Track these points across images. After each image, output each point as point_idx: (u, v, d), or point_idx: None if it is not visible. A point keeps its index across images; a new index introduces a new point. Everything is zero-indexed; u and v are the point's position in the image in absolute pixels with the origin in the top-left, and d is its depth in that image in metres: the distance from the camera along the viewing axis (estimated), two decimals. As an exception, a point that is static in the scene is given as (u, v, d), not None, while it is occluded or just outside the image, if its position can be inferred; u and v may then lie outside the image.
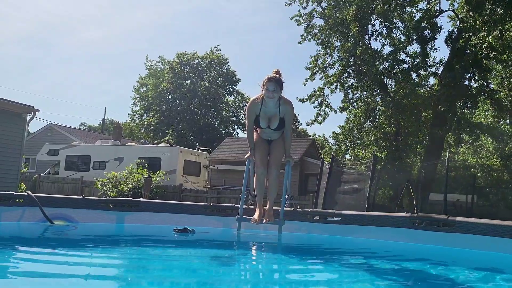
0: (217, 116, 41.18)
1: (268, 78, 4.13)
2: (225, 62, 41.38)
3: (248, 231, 4.63)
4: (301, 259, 3.70)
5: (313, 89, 16.88)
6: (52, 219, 4.75)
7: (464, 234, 4.22)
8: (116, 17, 66.47)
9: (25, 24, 63.20)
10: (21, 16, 60.69)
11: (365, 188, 11.51)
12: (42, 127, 29.80)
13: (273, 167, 4.49)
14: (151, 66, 44.33)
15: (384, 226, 4.65)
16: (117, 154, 20.79)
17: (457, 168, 16.99)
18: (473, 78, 14.12)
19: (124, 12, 66.45)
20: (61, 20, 67.46)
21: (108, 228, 5.02)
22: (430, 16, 14.43)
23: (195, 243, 4.42)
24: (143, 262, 3.26)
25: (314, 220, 5.06)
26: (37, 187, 19.16)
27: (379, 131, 15.00)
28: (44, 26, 67.09)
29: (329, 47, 16.31)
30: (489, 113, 18.79)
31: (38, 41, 67.94)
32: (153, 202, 5.74)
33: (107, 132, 40.14)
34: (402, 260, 3.89)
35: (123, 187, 15.66)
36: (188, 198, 16.02)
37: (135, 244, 4.32)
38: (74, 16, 65.60)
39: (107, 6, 64.73)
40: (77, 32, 67.18)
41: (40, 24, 66.66)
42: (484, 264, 3.76)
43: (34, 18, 64.17)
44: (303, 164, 20.80)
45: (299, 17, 16.89)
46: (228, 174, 20.55)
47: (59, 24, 68.56)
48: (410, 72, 15.69)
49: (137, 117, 44.40)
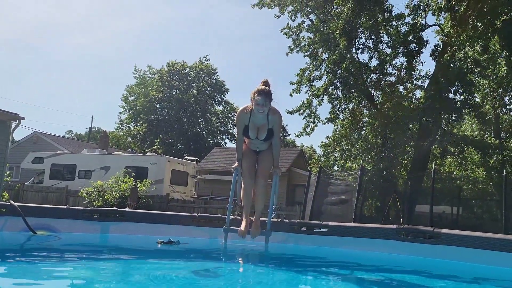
0: (206, 125, 41.15)
1: (257, 91, 4.07)
2: (214, 72, 41.51)
3: (235, 241, 4.60)
4: (287, 270, 3.68)
5: (301, 100, 16.98)
6: (35, 229, 4.66)
7: (449, 246, 4.26)
8: (103, 25, 66.29)
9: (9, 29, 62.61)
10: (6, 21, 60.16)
11: (353, 199, 11.57)
12: (27, 135, 29.40)
13: (261, 177, 4.47)
14: (140, 75, 44.24)
15: (370, 238, 4.66)
16: (103, 163, 20.58)
17: (443, 180, 17.17)
18: (458, 91, 14.36)
19: (111, 20, 66.35)
20: (47, 26, 67.06)
21: (92, 239, 4.94)
22: (416, 30, 14.69)
23: (181, 254, 4.37)
24: (126, 274, 3.21)
25: (301, 231, 5.05)
26: (21, 196, 18.82)
27: (366, 143, 15.12)
28: (30, 31, 66.57)
29: (317, 59, 16.45)
30: (475, 126, 19.11)
31: (23, 47, 67.33)
32: (139, 212, 5.67)
33: (94, 140, 39.77)
34: (388, 271, 3.90)
35: (108, 196, 15.48)
36: (175, 208, 15.87)
37: (119, 255, 4.25)
38: (61, 22, 65.29)
39: (93, 13, 64.61)
40: (64, 39, 66.79)
41: (25, 29, 66.12)
42: (469, 275, 3.79)
43: (19, 23, 63.67)
44: (291, 174, 20.83)
45: (288, 30, 17.04)
46: (215, 184, 20.45)
47: (45, 30, 68.13)
48: (397, 84, 15.90)
49: (124, 126, 44.12)
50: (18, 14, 60.61)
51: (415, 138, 15.05)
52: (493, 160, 15.43)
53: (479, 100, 17.41)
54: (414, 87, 15.99)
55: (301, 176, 19.41)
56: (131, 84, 43.96)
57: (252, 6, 17.15)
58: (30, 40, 67.12)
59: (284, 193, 19.75)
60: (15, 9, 59.31)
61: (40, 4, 61.66)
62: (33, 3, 60.85)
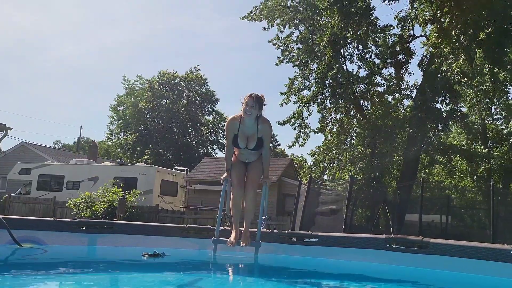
0: (196, 135, 41.03)
1: (249, 94, 4.15)
2: (204, 82, 41.52)
3: (224, 253, 4.56)
4: (277, 281, 3.66)
5: (292, 111, 17.07)
6: (20, 242, 4.58)
7: (438, 255, 4.27)
8: (92, 35, 66.16)
9: (0, 40, 62.11)
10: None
11: (343, 209, 11.57)
12: (14, 146, 29.04)
13: (250, 188, 4.46)
14: (129, 85, 44.09)
15: (360, 248, 4.66)
16: (91, 174, 20.36)
17: (432, 189, 17.30)
18: (444, 102, 14.56)
19: (100, 30, 66.25)
20: (35, 36, 66.68)
21: (79, 251, 4.86)
22: (404, 41, 14.90)
23: (170, 266, 4.32)
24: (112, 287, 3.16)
25: (291, 242, 5.03)
26: (7, 207, 18.49)
27: (355, 152, 15.22)
28: (17, 41, 66.10)
29: (306, 69, 16.61)
30: (462, 135, 19.35)
31: (10, 57, 66.82)
32: (127, 223, 5.60)
33: (83, 151, 39.39)
34: (377, 281, 3.90)
35: (96, 207, 15.29)
36: (164, 219, 15.71)
37: (107, 268, 4.19)
38: (48, 32, 64.96)
39: (82, 24, 64.43)
40: (51, 49, 66.48)
41: (12, 39, 65.65)
42: (457, 285, 3.80)
43: (6, 32, 63.20)
44: (281, 184, 20.80)
45: (277, 41, 17.20)
46: (205, 194, 20.34)
47: (32, 40, 67.70)
48: (386, 94, 16.08)
49: (113, 136, 43.81)
50: (6, 25, 60.21)
51: (403, 147, 15.18)
52: (481, 169, 15.61)
53: (466, 110, 17.65)
54: (402, 97, 16.18)
55: (291, 186, 19.40)
56: (120, 94, 43.80)
57: (241, 18, 17.31)
58: (18, 49, 66.65)
59: (274, 203, 19.70)
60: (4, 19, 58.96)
61: (27, 14, 61.38)
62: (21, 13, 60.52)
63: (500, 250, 4.05)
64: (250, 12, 17.14)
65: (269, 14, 16.96)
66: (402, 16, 15.00)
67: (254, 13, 17.06)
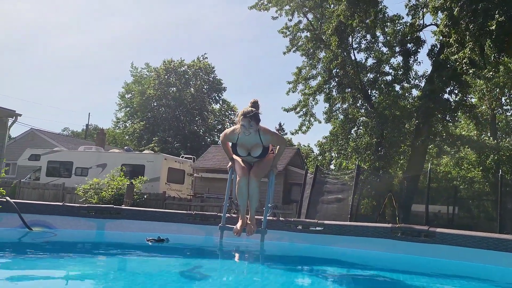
0: (203, 124, 41.07)
1: (243, 114, 4.03)
2: (211, 70, 41.42)
3: (230, 239, 4.61)
4: (282, 268, 3.70)
5: (298, 99, 17.00)
6: (31, 226, 4.66)
7: (444, 245, 4.28)
8: (100, 24, 66.02)
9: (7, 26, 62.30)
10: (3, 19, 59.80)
11: (349, 198, 11.58)
12: (23, 132, 29.26)
13: (254, 177, 4.45)
14: (137, 72, 44.13)
15: (365, 237, 4.68)
16: (100, 161, 20.52)
17: (439, 180, 17.20)
18: (453, 92, 14.38)
19: (107, 19, 66.06)
20: (43, 25, 66.77)
21: (88, 235, 4.94)
22: (414, 29, 14.70)
23: (177, 251, 4.38)
24: (121, 271, 3.21)
25: (297, 230, 5.07)
26: (17, 193, 18.74)
27: (362, 142, 15.15)
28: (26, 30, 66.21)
29: (314, 58, 16.48)
30: (471, 126, 19.16)
31: (22, 44, 67.01)
32: (135, 209, 5.67)
33: (91, 138, 39.63)
34: (382, 270, 3.92)
35: (104, 193, 15.44)
36: (171, 206, 15.84)
37: (115, 251, 4.26)
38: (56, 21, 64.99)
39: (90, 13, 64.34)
40: (61, 37, 66.51)
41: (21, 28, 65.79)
42: (463, 274, 3.81)
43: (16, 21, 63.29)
44: (287, 173, 20.83)
45: (286, 30, 17.06)
46: (212, 182, 20.44)
47: (41, 28, 67.80)
48: (394, 84, 15.91)
49: (121, 124, 44.02)
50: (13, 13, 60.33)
51: (411, 137, 15.08)
52: (489, 160, 15.48)
53: (475, 100, 17.45)
54: (410, 87, 16.01)
55: (298, 175, 19.41)
56: (128, 82, 43.89)
57: (250, 8, 17.15)
58: (26, 39, 66.84)
59: (280, 191, 19.76)
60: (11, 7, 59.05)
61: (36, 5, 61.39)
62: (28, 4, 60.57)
63: (507, 241, 4.06)
64: (258, 0, 16.99)
65: (278, 1, 16.81)
66: (412, 4, 14.78)
67: (262, 2, 16.90)
